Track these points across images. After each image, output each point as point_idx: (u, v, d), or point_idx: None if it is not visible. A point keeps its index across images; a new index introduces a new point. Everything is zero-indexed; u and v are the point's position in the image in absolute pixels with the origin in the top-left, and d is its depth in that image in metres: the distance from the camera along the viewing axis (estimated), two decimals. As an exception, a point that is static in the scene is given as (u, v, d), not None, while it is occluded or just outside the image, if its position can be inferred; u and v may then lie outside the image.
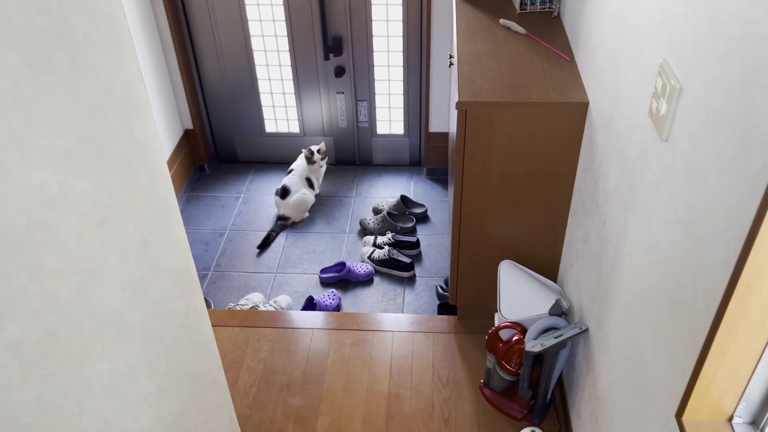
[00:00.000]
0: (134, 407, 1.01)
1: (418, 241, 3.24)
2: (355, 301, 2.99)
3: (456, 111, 2.07)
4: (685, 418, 1.15)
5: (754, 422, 1.14)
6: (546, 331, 2.01)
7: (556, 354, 2.01)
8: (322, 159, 3.53)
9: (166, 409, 1.13)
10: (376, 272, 3.13)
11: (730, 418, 1.15)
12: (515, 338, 2.09)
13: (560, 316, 2.04)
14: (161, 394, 1.10)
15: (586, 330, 1.93)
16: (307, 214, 3.49)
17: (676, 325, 1.21)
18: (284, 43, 3.46)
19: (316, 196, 3.59)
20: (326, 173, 3.68)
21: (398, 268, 3.11)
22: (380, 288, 3.05)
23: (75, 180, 0.83)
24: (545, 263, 2.37)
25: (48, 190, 0.77)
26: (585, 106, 1.98)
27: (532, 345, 1.94)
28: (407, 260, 3.11)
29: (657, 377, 1.31)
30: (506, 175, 2.16)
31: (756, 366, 1.08)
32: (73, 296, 0.83)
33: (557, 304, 2.03)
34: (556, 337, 1.93)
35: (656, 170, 1.33)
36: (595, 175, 1.85)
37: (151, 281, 1.05)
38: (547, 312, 2.07)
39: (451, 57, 2.49)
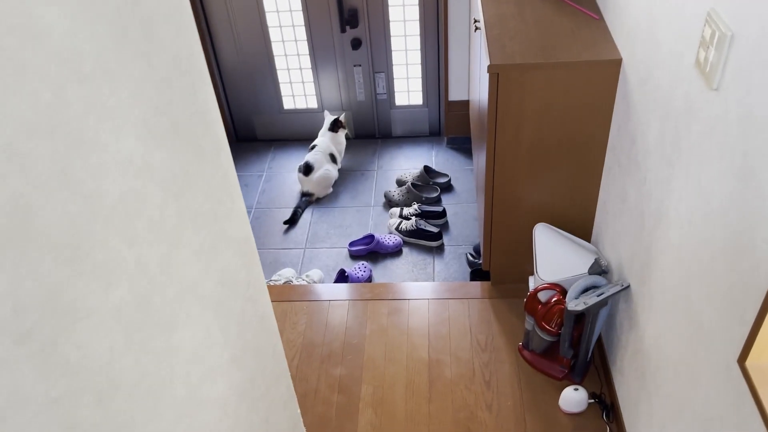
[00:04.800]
0: (212, 374, 1.04)
1: (444, 210, 3.25)
2: (386, 273, 3.01)
3: (486, 75, 2.06)
4: (748, 363, 1.16)
5: (817, 364, 1.15)
6: (587, 290, 2.02)
7: (597, 312, 2.02)
8: (342, 128, 3.54)
9: (237, 377, 1.15)
10: (405, 243, 3.15)
11: (794, 362, 1.16)
12: (555, 299, 2.11)
13: (600, 275, 2.05)
14: (232, 362, 1.13)
15: (628, 287, 1.94)
16: (331, 190, 3.51)
17: (733, 274, 1.22)
18: (299, 18, 3.44)
19: (339, 170, 3.59)
20: (347, 147, 3.69)
21: (426, 237, 3.12)
22: (410, 258, 3.07)
23: (154, 150, 0.84)
24: (579, 224, 2.38)
25: (134, 160, 0.78)
26: (618, 63, 1.96)
27: (575, 304, 1.95)
28: (435, 230, 3.12)
29: (713, 326, 1.32)
30: (538, 137, 2.16)
31: (819, 308, 1.09)
32: (159, 264, 0.84)
33: (596, 263, 2.04)
34: (598, 295, 1.94)
35: (705, 121, 1.33)
36: (632, 133, 1.84)
37: (220, 251, 1.07)
38: (585, 272, 2.08)
39: (476, 21, 2.47)
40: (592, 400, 2.16)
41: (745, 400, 1.18)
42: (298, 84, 3.72)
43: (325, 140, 3.52)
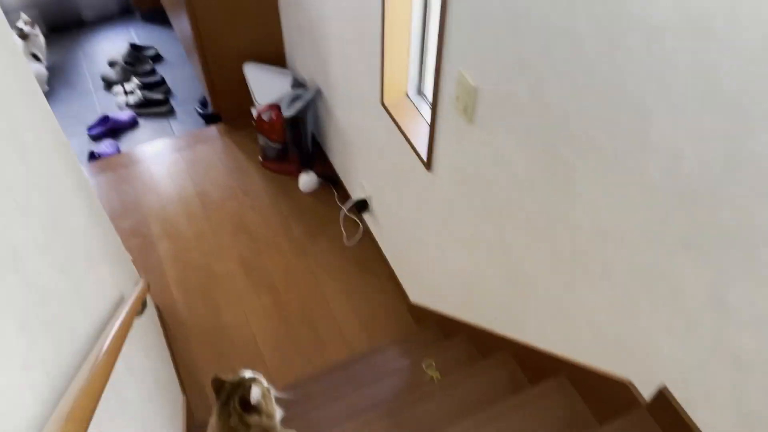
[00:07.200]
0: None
1: (162, 78, 3.69)
2: (131, 143, 3.45)
3: (169, -48, 2.53)
4: (385, 102, 2.02)
5: (419, 93, 2.05)
6: (294, 101, 2.78)
7: (305, 115, 2.81)
8: (32, 27, 3.64)
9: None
10: (139, 115, 3.57)
11: (407, 95, 2.05)
12: (275, 115, 2.84)
13: (299, 87, 2.82)
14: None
15: (320, 90, 2.74)
16: (46, 87, 3.67)
17: (366, 49, 2.04)
18: None
19: (48, 68, 3.74)
20: (48, 44, 3.80)
21: (155, 105, 3.58)
22: (149, 126, 3.53)
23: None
24: (276, 56, 3.08)
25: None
26: (267, -75, 2.58)
27: (289, 112, 2.71)
28: (161, 96, 3.58)
29: (367, 88, 2.16)
30: (226, -6, 2.73)
31: (409, 61, 1.96)
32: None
33: (295, 80, 2.79)
34: (303, 102, 2.71)
35: (329, -38, 2.06)
36: (291, -23, 2.53)
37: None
38: (290, 89, 2.83)
39: None
40: (321, 179, 3.02)
41: (390, 124, 2.06)
42: (-32, -10, 3.64)
43: (20, 42, 3.61)
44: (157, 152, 3.19)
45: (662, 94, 0.91)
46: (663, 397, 1.17)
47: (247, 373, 1.49)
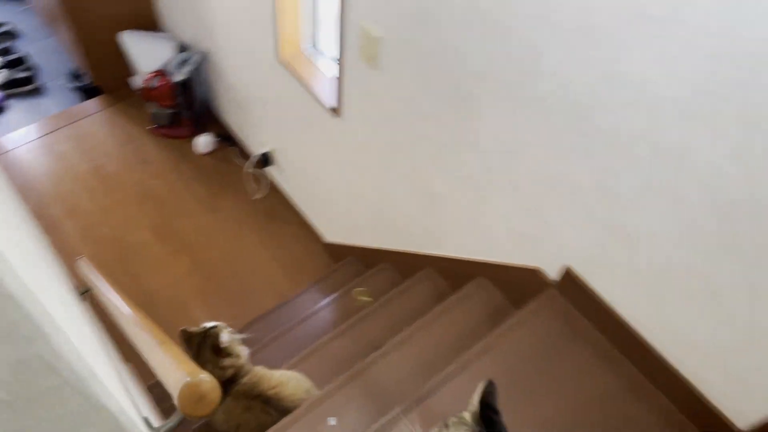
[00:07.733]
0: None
1: (25, 55, 3.49)
2: (3, 128, 3.28)
3: None
4: (282, 59, 2.14)
5: (314, 46, 2.18)
6: (182, 64, 2.79)
7: (195, 78, 2.83)
8: None
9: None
10: (6, 97, 3.38)
11: (302, 50, 2.17)
12: (162, 81, 2.83)
13: (184, 51, 2.82)
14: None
15: (207, 52, 2.76)
16: None
17: (256, 8, 2.12)
18: None
19: None
20: None
21: (22, 84, 3.39)
22: (19, 107, 3.35)
23: None
24: (149, 22, 3.03)
25: None
26: None
27: (178, 76, 2.72)
28: (26, 74, 3.40)
29: (261, 46, 2.25)
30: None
31: (301, 16, 2.07)
32: None
33: (179, 45, 2.79)
34: (191, 64, 2.73)
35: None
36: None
37: None
38: (174, 53, 2.83)
39: None
40: (218, 138, 3.07)
41: (290, 79, 2.18)
42: None
43: None
44: (38, 133, 3.07)
45: (552, 32, 1.14)
46: (568, 275, 1.46)
47: (209, 324, 1.63)
